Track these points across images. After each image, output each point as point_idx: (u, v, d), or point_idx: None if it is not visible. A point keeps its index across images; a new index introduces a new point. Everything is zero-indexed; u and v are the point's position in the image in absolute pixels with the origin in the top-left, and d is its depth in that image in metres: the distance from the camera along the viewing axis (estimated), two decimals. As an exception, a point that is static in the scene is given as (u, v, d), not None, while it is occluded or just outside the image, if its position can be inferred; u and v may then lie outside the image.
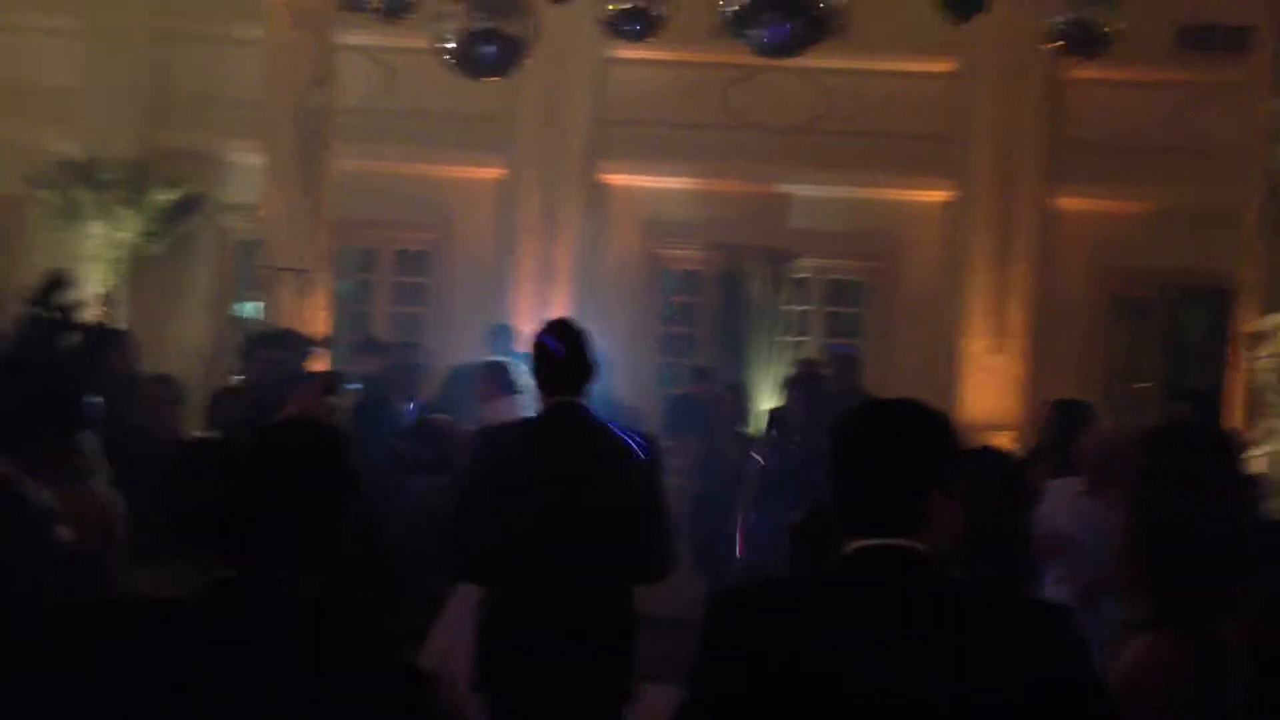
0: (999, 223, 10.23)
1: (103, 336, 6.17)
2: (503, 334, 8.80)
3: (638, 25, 7.00)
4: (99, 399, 3.09)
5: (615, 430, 3.89)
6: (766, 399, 9.98)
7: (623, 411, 6.93)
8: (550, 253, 10.56)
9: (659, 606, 6.62)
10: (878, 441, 2.02)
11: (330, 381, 4.73)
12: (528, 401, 5.20)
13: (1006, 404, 10.04)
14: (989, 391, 10.15)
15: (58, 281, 5.90)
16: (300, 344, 7.14)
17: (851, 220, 10.63)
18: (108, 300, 9.64)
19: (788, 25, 6.21)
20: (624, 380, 9.91)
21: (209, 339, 10.51)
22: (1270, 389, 7.56)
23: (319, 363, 7.57)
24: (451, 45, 7.01)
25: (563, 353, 3.82)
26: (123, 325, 8.23)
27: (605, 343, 9.75)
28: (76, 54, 10.63)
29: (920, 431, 2.04)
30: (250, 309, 10.85)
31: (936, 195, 10.69)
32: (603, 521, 3.71)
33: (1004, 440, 9.19)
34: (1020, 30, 8.82)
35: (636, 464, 3.81)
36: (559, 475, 3.73)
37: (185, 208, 10.47)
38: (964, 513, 2.01)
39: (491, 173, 10.87)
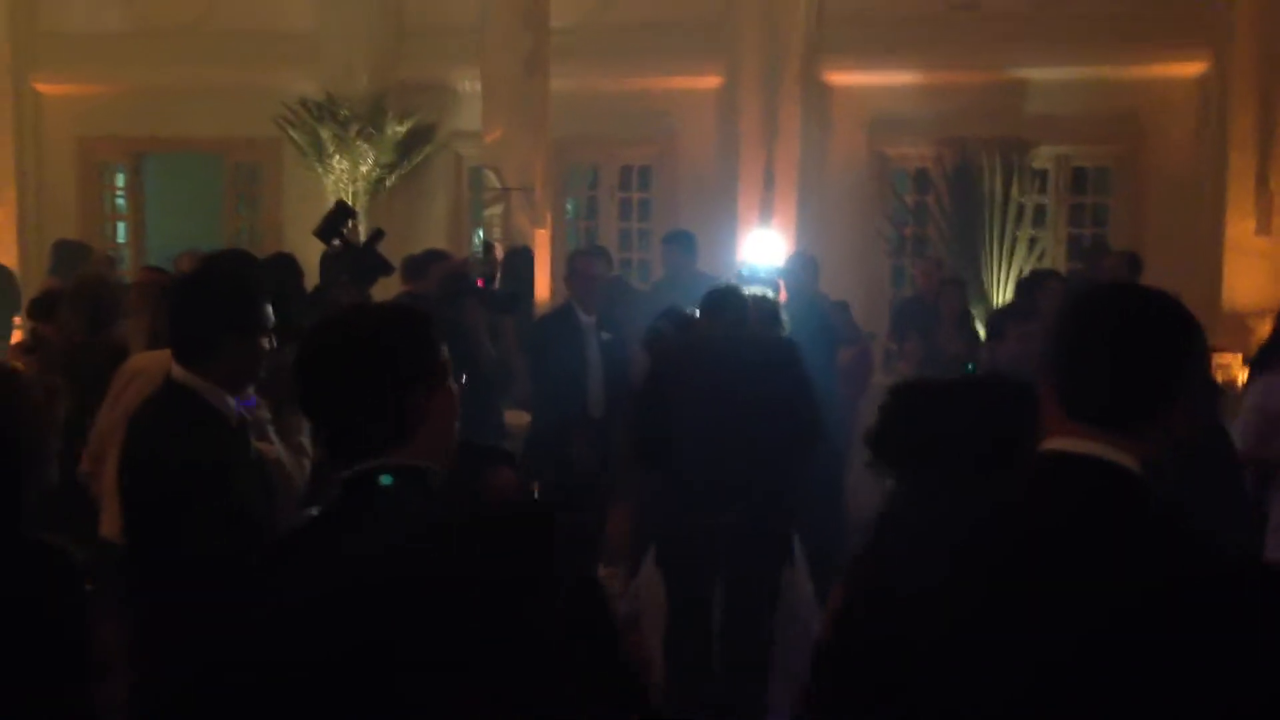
0: (1262, 93, 9.29)
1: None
2: (681, 241, 7.92)
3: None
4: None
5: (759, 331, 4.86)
6: (1003, 296, 9.54)
7: (831, 310, 6.72)
8: (773, 158, 10.34)
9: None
10: (1140, 326, 1.73)
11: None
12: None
13: (1277, 288, 9.20)
14: (1255, 276, 9.32)
15: (343, 212, 6.04)
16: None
17: (1094, 103, 9.89)
18: (352, 231, 10.13)
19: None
20: (855, 283, 9.68)
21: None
22: None
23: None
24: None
25: None
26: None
27: (832, 246, 9.53)
28: (312, -2, 11.10)
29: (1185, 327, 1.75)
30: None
31: (1191, 68, 9.80)
32: (758, 402, 4.50)
33: (1268, 326, 8.45)
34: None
35: (780, 354, 4.67)
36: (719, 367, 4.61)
37: (419, 138, 10.86)
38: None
39: (710, 81, 10.71)
